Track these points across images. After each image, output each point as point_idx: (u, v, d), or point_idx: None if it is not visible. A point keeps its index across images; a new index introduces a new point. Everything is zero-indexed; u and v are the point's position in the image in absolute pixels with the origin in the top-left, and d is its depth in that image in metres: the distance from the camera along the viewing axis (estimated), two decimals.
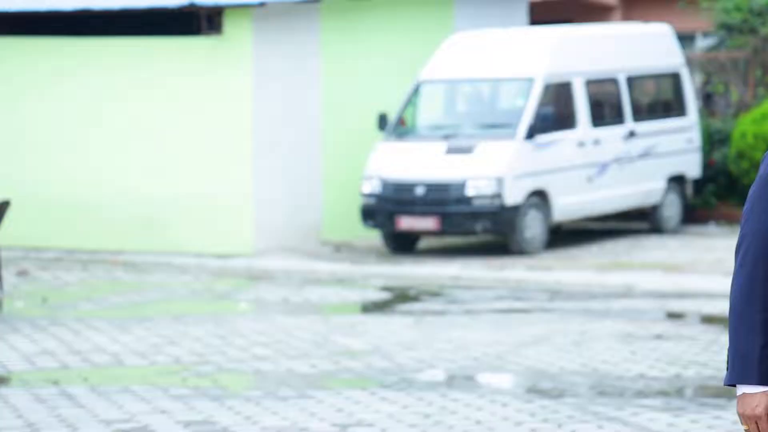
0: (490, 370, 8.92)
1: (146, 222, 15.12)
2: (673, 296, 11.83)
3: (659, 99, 16.57)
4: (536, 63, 14.96)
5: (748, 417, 3.54)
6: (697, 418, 7.39)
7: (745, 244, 3.60)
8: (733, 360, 3.57)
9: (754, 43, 17.41)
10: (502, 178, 14.34)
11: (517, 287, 12.55)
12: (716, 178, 16.94)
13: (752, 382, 3.52)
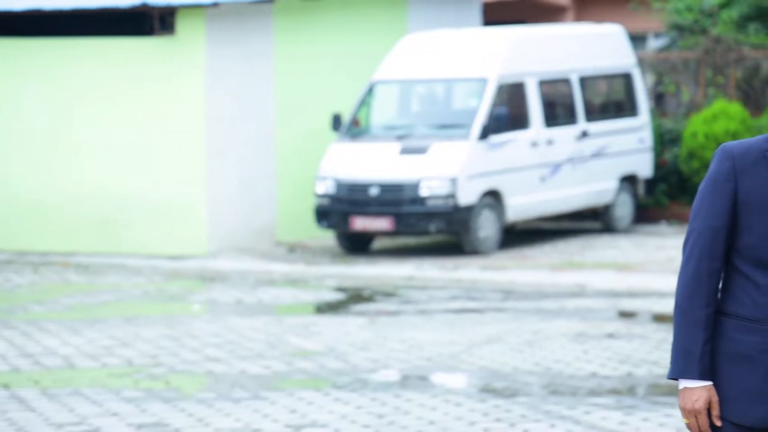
0: (443, 370, 8.94)
1: (99, 223, 15.02)
2: (624, 295, 11.90)
3: (611, 99, 16.67)
4: (490, 63, 15.01)
5: (688, 411, 3.59)
6: (648, 416, 7.44)
7: (691, 240, 3.64)
8: (676, 355, 3.61)
9: (705, 44, 17.56)
10: (455, 179, 14.38)
11: (470, 287, 12.58)
12: (667, 177, 17.07)
13: (693, 377, 3.57)
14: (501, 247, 14.89)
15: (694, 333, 3.57)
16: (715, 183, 3.61)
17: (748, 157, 3.59)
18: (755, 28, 18.18)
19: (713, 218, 3.60)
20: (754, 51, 17.48)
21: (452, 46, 15.46)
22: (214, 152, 14.99)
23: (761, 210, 3.57)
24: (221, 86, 15.09)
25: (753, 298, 3.57)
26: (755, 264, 3.57)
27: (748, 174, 3.58)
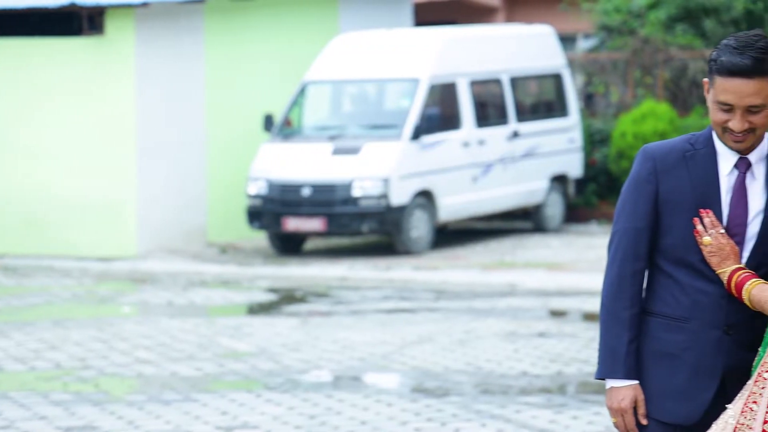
0: (375, 370, 8.95)
1: (27, 224, 14.85)
2: (555, 294, 11.99)
3: (542, 99, 16.79)
4: (421, 64, 15.05)
5: (615, 410, 3.63)
6: (578, 415, 7.50)
7: (615, 241, 3.68)
8: (602, 355, 3.65)
9: (634, 44, 17.74)
10: (388, 179, 14.40)
11: (403, 287, 12.61)
12: (597, 177, 17.22)
13: (619, 376, 3.61)
14: (433, 247, 14.94)
15: (620, 333, 3.61)
16: (636, 184, 3.66)
17: (669, 158, 3.64)
18: (682, 28, 18.40)
19: (635, 219, 3.64)
20: (681, 51, 17.69)
21: (384, 46, 15.48)
22: (144, 153, 14.89)
23: (682, 210, 3.61)
24: (151, 86, 14.99)
25: (676, 297, 3.61)
26: (677, 263, 3.62)
27: (669, 174, 3.62)
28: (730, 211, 3.59)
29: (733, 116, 3.53)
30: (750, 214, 3.59)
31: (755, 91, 3.50)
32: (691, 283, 3.60)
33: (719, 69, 3.52)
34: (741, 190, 3.59)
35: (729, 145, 3.57)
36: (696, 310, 3.60)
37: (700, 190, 3.59)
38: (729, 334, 3.59)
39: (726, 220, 3.59)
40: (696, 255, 3.59)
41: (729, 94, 3.50)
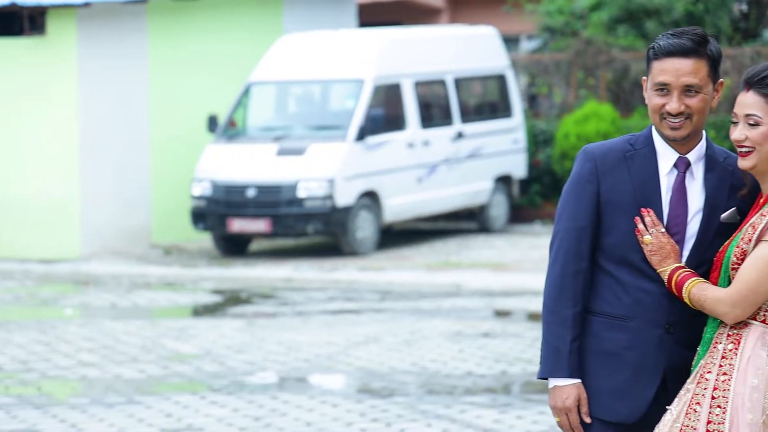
0: (321, 371, 8.95)
1: None
2: (500, 294, 12.04)
3: (486, 100, 16.86)
4: (366, 65, 15.06)
5: (559, 409, 3.65)
6: (522, 414, 7.54)
7: (557, 241, 3.70)
8: (545, 354, 3.67)
9: (576, 46, 17.86)
10: (333, 180, 14.39)
11: (348, 288, 12.61)
12: (541, 178, 17.33)
13: (563, 375, 3.63)
14: (379, 247, 14.95)
15: (562, 332, 3.62)
16: (577, 184, 3.68)
17: (609, 158, 3.67)
18: (624, 30, 18.55)
19: (577, 219, 3.67)
20: (623, 53, 17.84)
21: (328, 47, 15.47)
22: (87, 154, 14.78)
23: (623, 209, 3.64)
24: (94, 87, 14.88)
25: (618, 296, 3.64)
26: (619, 263, 3.64)
27: (610, 174, 3.65)
28: (670, 211, 3.63)
29: (670, 98, 3.56)
30: (689, 213, 3.63)
31: (692, 70, 3.54)
32: (633, 282, 3.63)
33: (657, 52, 3.57)
34: (681, 189, 3.63)
35: (666, 133, 3.60)
36: (637, 309, 3.63)
37: (641, 189, 3.62)
38: (670, 332, 3.62)
39: (666, 219, 3.62)
40: (637, 254, 3.62)
41: (666, 73, 3.54)
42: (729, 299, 3.46)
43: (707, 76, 3.56)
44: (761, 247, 3.46)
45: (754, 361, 3.45)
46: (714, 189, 3.62)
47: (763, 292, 3.45)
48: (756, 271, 3.44)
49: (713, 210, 3.62)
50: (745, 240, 3.50)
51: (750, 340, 3.48)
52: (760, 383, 3.44)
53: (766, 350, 3.47)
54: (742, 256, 3.49)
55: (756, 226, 3.50)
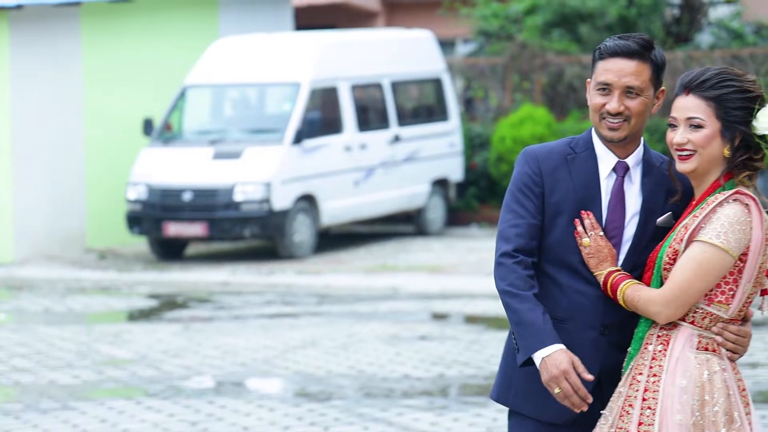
0: (258, 375, 8.92)
1: None
2: (437, 297, 12.07)
3: (423, 104, 16.90)
4: (302, 68, 15.04)
5: (556, 377, 3.51)
6: (459, 417, 7.56)
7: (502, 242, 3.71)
8: (521, 333, 3.57)
9: (512, 49, 17.97)
10: (270, 183, 14.36)
11: (286, 292, 12.58)
12: (477, 181, 17.40)
13: (547, 344, 3.54)
14: (316, 251, 14.94)
15: (531, 308, 3.56)
16: (522, 184, 3.69)
17: (551, 160, 3.69)
18: (559, 34, 18.70)
19: (524, 217, 3.68)
20: (557, 57, 17.98)
21: (265, 50, 15.44)
22: (20, 157, 14.62)
23: (563, 211, 3.66)
24: (27, 89, 14.72)
25: (554, 297, 3.66)
26: (557, 264, 3.66)
27: (553, 176, 3.67)
28: (608, 214, 3.66)
29: (611, 98, 3.60)
30: (627, 216, 3.66)
31: (635, 71, 3.58)
32: (570, 284, 3.65)
33: (602, 53, 3.62)
34: (619, 193, 3.66)
35: (604, 134, 3.63)
36: (574, 311, 3.65)
37: (582, 192, 3.64)
38: (605, 334, 3.65)
39: (604, 222, 3.65)
40: (575, 256, 3.64)
41: (609, 73, 3.58)
42: (662, 299, 3.50)
43: (649, 80, 3.60)
44: (693, 248, 3.49)
45: (682, 363, 3.49)
46: (651, 193, 3.66)
47: (695, 293, 3.49)
48: (688, 271, 3.47)
49: (650, 214, 3.65)
50: (677, 240, 3.53)
51: (679, 341, 3.51)
52: (689, 384, 3.47)
53: (694, 352, 3.51)
54: (674, 255, 3.52)
55: (688, 226, 3.53)
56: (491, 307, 11.28)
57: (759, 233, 3.49)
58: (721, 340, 3.52)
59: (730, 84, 3.53)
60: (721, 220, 3.47)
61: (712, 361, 3.50)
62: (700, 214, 3.51)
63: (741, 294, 3.51)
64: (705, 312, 3.52)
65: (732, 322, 3.54)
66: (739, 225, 3.47)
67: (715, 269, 3.47)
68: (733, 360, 3.55)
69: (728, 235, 3.46)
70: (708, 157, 3.52)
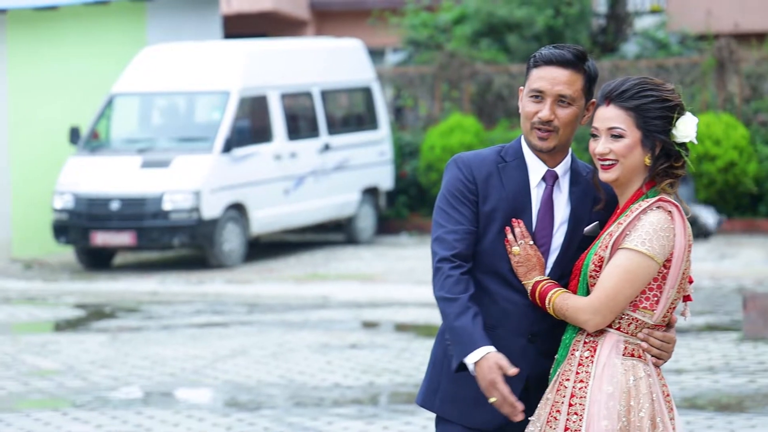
0: (187, 385, 8.85)
1: None
2: (367, 306, 12.07)
3: (352, 113, 16.92)
4: (231, 76, 14.99)
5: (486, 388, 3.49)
6: (388, 425, 7.57)
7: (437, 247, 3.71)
8: (454, 340, 3.58)
9: (441, 59, 18.05)
10: (199, 192, 14.28)
11: (215, 301, 12.51)
12: (408, 189, 17.45)
13: (478, 346, 3.54)
14: (246, 260, 14.87)
15: (463, 312, 3.57)
16: (456, 190, 3.70)
17: (483, 168, 3.71)
18: (487, 43, 18.81)
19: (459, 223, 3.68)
20: (486, 66, 18.08)
21: (193, 58, 15.36)
22: None
23: (494, 219, 3.68)
24: None
25: (485, 304, 3.67)
26: (487, 272, 3.68)
27: (485, 184, 3.69)
28: (537, 223, 3.68)
29: (543, 105, 3.62)
30: (555, 225, 3.69)
31: (568, 81, 3.60)
32: (499, 291, 3.66)
33: (537, 61, 3.64)
34: (548, 202, 3.68)
35: (534, 143, 3.65)
36: (503, 319, 3.66)
37: (513, 201, 3.66)
38: (533, 342, 3.67)
39: (533, 230, 3.67)
40: (505, 264, 3.66)
41: (543, 80, 3.61)
42: (590, 307, 3.52)
43: (581, 90, 3.63)
44: (619, 255, 3.52)
45: (609, 369, 3.51)
46: (578, 202, 3.69)
47: (623, 299, 3.52)
48: (615, 278, 3.50)
49: (577, 223, 3.68)
50: (602, 247, 3.56)
51: (605, 348, 3.54)
52: (615, 390, 3.50)
53: (620, 358, 3.53)
54: (599, 263, 3.55)
55: (613, 234, 3.56)
56: (421, 315, 11.31)
57: (682, 240, 3.53)
58: (647, 346, 3.55)
59: (649, 94, 3.56)
60: (645, 228, 3.50)
61: (637, 367, 3.52)
62: (625, 222, 3.54)
63: (665, 300, 3.55)
64: (631, 318, 3.55)
65: (657, 328, 3.57)
66: (663, 232, 3.51)
67: (641, 276, 3.50)
68: (657, 366, 3.58)
69: (653, 241, 3.49)
70: (630, 166, 3.56)
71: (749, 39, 19.14)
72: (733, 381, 8.46)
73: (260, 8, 21.84)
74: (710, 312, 11.10)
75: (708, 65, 17.05)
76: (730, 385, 8.36)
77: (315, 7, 22.78)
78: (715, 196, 16.20)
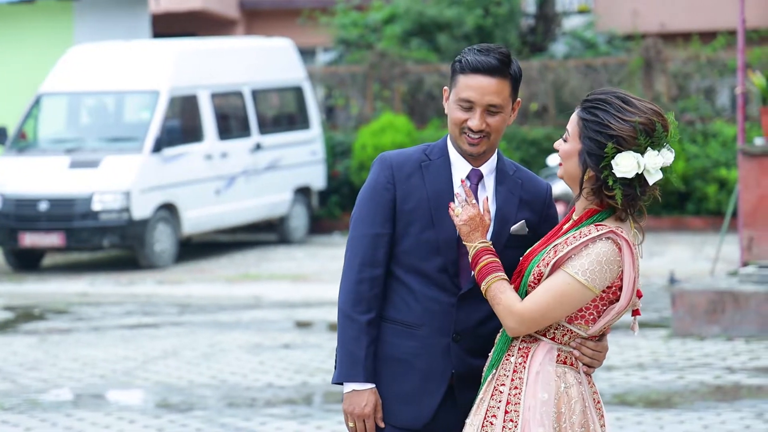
0: (118, 387, 8.79)
1: None
2: (300, 305, 12.06)
3: (284, 112, 16.89)
4: (161, 76, 14.90)
5: (357, 415, 3.65)
6: (322, 424, 7.57)
7: (353, 247, 3.72)
8: (341, 359, 3.68)
9: (371, 58, 18.07)
10: (129, 192, 14.18)
11: (146, 302, 12.42)
12: (340, 189, 17.46)
13: (359, 380, 3.64)
14: (177, 260, 14.79)
15: (358, 337, 3.64)
16: (374, 191, 3.71)
17: (406, 166, 3.71)
18: (417, 43, 18.87)
19: (374, 225, 3.70)
20: (417, 65, 18.14)
21: (122, 58, 15.25)
22: None
23: (416, 218, 3.68)
24: None
25: (408, 303, 3.68)
26: (411, 271, 3.68)
27: (406, 183, 3.69)
28: None
29: (473, 115, 3.62)
30: None
31: (497, 89, 3.60)
32: (423, 291, 3.67)
33: (463, 67, 3.61)
34: None
35: (464, 148, 3.65)
36: (427, 318, 3.67)
37: (436, 199, 3.66)
38: (457, 341, 3.68)
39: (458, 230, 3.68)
40: (428, 264, 3.67)
41: (472, 90, 3.59)
42: (519, 315, 3.49)
43: (509, 96, 3.62)
44: (558, 276, 3.48)
45: (543, 376, 3.51)
46: (504, 201, 3.69)
47: (552, 317, 3.50)
48: (549, 297, 3.47)
49: (503, 222, 3.68)
50: (545, 262, 3.52)
51: (538, 355, 3.54)
52: (550, 397, 3.51)
53: (553, 365, 3.54)
54: (539, 277, 3.52)
55: (557, 251, 3.52)
56: None
57: (630, 272, 3.52)
58: (579, 355, 3.55)
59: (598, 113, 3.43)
60: (590, 257, 3.46)
61: (569, 374, 3.53)
62: (571, 243, 3.49)
63: (605, 321, 3.55)
64: (566, 329, 3.54)
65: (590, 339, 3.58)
66: (607, 265, 3.47)
67: (575, 302, 3.48)
68: (588, 373, 3.59)
69: (594, 273, 3.46)
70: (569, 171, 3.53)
71: (675, 39, 19.39)
72: (662, 377, 8.56)
73: (189, 7, 21.72)
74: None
75: (635, 65, 17.23)
76: (659, 381, 8.46)
77: (245, 7, 22.70)
78: None
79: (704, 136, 16.66)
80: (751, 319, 9.64)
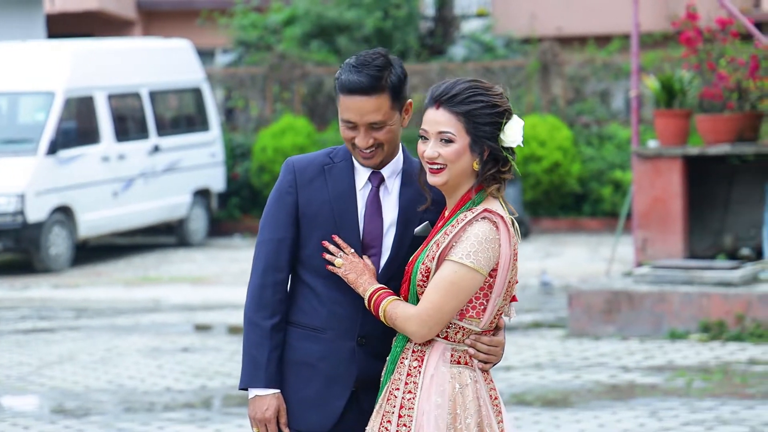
0: (12, 392, 8.64)
1: None
2: (200, 308, 11.98)
3: (183, 114, 16.78)
4: (56, 77, 14.70)
5: (258, 420, 3.66)
6: (221, 428, 7.53)
7: (258, 252, 3.72)
8: (245, 365, 3.68)
9: (271, 60, 18.03)
10: (23, 195, 13.96)
11: (42, 306, 12.24)
12: (240, 191, 17.38)
13: (261, 385, 3.65)
14: (74, 264, 14.60)
15: (261, 342, 3.64)
16: (278, 196, 3.72)
17: (309, 170, 3.71)
18: (317, 45, 18.87)
19: (277, 230, 3.70)
20: (317, 67, 18.14)
21: (17, 58, 15.01)
22: None
23: (319, 222, 3.69)
24: None
25: (314, 307, 3.68)
26: (316, 274, 3.68)
27: (309, 187, 3.69)
28: (365, 225, 3.69)
29: (358, 133, 3.62)
30: (384, 227, 3.70)
31: (374, 108, 3.58)
32: (328, 294, 3.68)
33: (341, 87, 3.60)
34: (375, 203, 3.70)
35: (359, 161, 3.68)
36: (332, 321, 3.68)
37: (337, 203, 3.67)
38: (362, 345, 3.68)
39: (362, 233, 3.68)
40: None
41: (350, 112, 3.58)
42: (417, 318, 3.50)
43: (390, 109, 3.59)
44: (445, 267, 3.49)
45: (437, 379, 3.52)
46: (408, 202, 3.69)
47: (449, 311, 3.50)
48: (441, 290, 3.47)
49: (407, 224, 3.68)
50: (429, 258, 3.53)
51: (433, 357, 3.54)
52: (444, 401, 3.51)
53: (448, 366, 3.55)
54: (427, 273, 3.52)
55: (440, 243, 3.53)
56: None
57: (507, 250, 3.54)
58: (474, 352, 3.56)
59: (479, 99, 3.52)
60: (470, 240, 3.49)
61: (463, 374, 3.53)
62: (451, 232, 3.52)
63: (492, 308, 3.56)
64: (458, 327, 3.55)
65: (484, 334, 3.60)
66: (488, 243, 3.50)
67: (467, 288, 3.49)
68: (486, 370, 3.60)
69: (478, 254, 3.48)
70: (458, 170, 3.55)
71: (572, 42, 19.66)
72: (559, 377, 8.67)
73: (85, 7, 21.45)
74: (536, 310, 11.36)
75: (532, 68, 17.43)
76: (556, 380, 8.57)
77: (142, 7, 22.49)
78: (541, 197, 16.58)
79: (600, 139, 16.91)
80: (645, 319, 9.81)
